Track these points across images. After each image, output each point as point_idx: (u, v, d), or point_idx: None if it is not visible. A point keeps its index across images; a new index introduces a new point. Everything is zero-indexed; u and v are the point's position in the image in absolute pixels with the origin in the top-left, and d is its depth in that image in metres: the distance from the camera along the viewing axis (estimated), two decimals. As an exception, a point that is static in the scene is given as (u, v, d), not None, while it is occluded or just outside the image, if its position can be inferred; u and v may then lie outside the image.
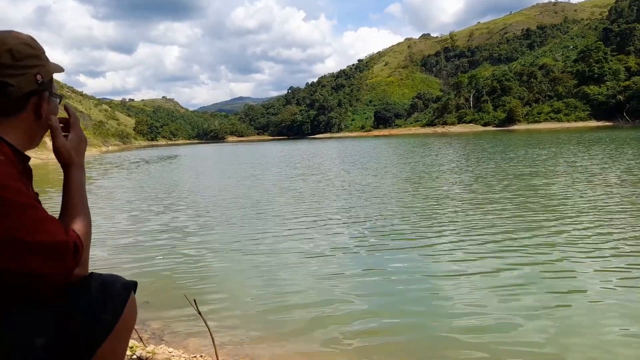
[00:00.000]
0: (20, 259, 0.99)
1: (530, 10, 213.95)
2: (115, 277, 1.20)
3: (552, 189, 9.84)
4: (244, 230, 7.36)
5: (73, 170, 1.25)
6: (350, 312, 3.82)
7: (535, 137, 40.99)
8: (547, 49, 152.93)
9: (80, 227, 1.16)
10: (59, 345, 1.09)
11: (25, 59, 1.11)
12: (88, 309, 1.11)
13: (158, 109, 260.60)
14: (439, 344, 3.22)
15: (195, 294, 4.20)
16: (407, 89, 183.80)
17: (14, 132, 1.13)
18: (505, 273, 4.58)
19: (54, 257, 1.03)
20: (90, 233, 1.20)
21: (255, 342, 3.35)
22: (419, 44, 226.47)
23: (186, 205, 10.45)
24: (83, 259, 1.12)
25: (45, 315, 1.08)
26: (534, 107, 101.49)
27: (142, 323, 3.64)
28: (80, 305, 1.10)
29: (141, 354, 2.70)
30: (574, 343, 3.13)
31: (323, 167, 20.76)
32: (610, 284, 4.14)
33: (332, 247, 6.02)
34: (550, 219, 6.93)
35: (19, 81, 1.09)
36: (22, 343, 1.04)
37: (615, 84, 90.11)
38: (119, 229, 7.95)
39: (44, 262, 1.02)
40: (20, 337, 1.04)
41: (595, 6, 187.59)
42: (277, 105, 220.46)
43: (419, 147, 34.88)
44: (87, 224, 1.19)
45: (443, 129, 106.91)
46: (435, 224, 7.09)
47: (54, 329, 1.08)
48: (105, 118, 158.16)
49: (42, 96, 1.17)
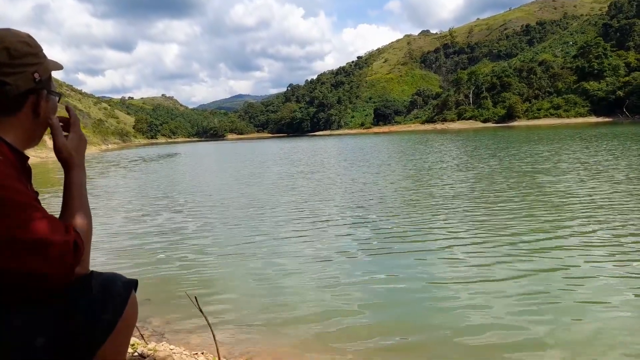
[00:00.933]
0: (21, 258, 0.98)
1: (530, 6, 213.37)
2: (115, 275, 1.20)
3: (560, 187, 9.71)
4: (245, 230, 7.37)
5: (73, 170, 1.25)
6: (351, 311, 3.83)
7: (536, 133, 40.92)
8: (546, 45, 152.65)
9: (81, 226, 1.15)
10: (59, 345, 1.08)
11: (23, 57, 1.10)
12: (89, 309, 1.10)
13: (157, 107, 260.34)
14: (442, 347, 3.21)
15: (197, 291, 4.21)
16: (407, 85, 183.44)
17: (13, 131, 1.12)
18: (514, 278, 4.44)
19: (54, 256, 1.03)
20: (91, 232, 1.20)
21: (256, 339, 3.36)
22: (419, 41, 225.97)
23: (187, 205, 10.46)
24: (83, 258, 1.11)
25: (46, 314, 1.08)
26: (534, 103, 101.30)
27: (143, 320, 3.66)
28: (81, 304, 1.10)
29: (143, 351, 2.71)
30: (581, 349, 3.12)
31: (325, 166, 20.74)
32: (627, 290, 4.03)
33: (333, 247, 6.03)
34: (561, 218, 6.71)
35: (16, 80, 1.08)
36: (23, 343, 1.04)
37: (615, 80, 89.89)
38: (120, 228, 7.96)
39: (44, 262, 1.01)
40: (20, 337, 1.04)
41: (595, 2, 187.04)
42: (277, 103, 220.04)
43: (420, 145, 34.84)
44: (87, 222, 1.18)
45: (443, 126, 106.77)
46: (440, 225, 7.02)
47: (54, 328, 1.08)
48: (104, 116, 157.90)
49: (41, 94, 1.15)
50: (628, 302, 3.69)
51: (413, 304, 3.93)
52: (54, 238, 1.03)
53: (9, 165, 1.06)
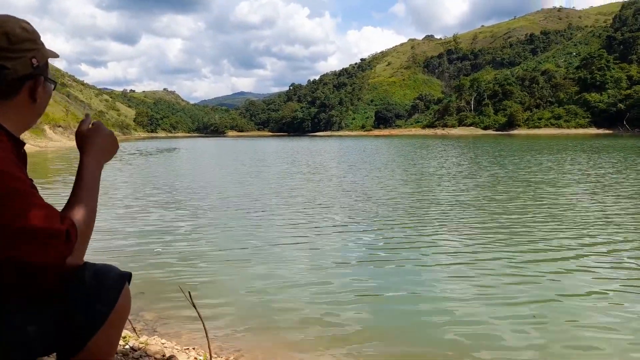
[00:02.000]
0: (14, 246, 0.99)
1: (535, 16, 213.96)
2: (109, 267, 1.19)
3: (565, 199, 9.64)
4: (242, 227, 7.37)
5: (84, 157, 1.26)
6: (346, 310, 3.83)
7: (537, 143, 40.99)
8: (550, 55, 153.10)
9: (80, 216, 1.14)
10: (51, 334, 1.08)
11: (21, 42, 1.11)
12: (81, 299, 1.10)
13: (159, 101, 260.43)
14: (434, 355, 3.22)
15: (190, 287, 4.21)
16: (409, 89, 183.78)
17: (9, 116, 1.13)
18: (519, 292, 4.43)
19: (45, 243, 1.02)
20: (91, 225, 1.18)
21: (247, 336, 3.36)
22: (423, 45, 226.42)
23: (185, 200, 10.45)
24: (78, 248, 1.10)
25: (38, 304, 1.08)
26: (535, 112, 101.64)
27: (135, 314, 3.65)
28: (74, 295, 1.10)
29: (134, 345, 2.71)
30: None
31: (327, 169, 20.74)
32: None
33: (330, 251, 6.03)
34: (572, 237, 6.34)
35: (14, 64, 1.10)
36: (15, 331, 1.04)
37: (616, 92, 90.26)
38: (117, 221, 7.95)
39: (37, 250, 1.01)
40: (12, 325, 1.04)
41: (600, 13, 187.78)
42: (278, 102, 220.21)
43: (421, 149, 34.88)
44: (88, 213, 1.16)
45: (443, 131, 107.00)
46: (440, 234, 6.99)
47: (46, 317, 1.08)
48: (105, 108, 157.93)
49: (38, 80, 1.17)
50: (629, 321, 3.69)
51: (407, 311, 3.92)
52: (48, 226, 1.03)
53: (7, 150, 1.07)
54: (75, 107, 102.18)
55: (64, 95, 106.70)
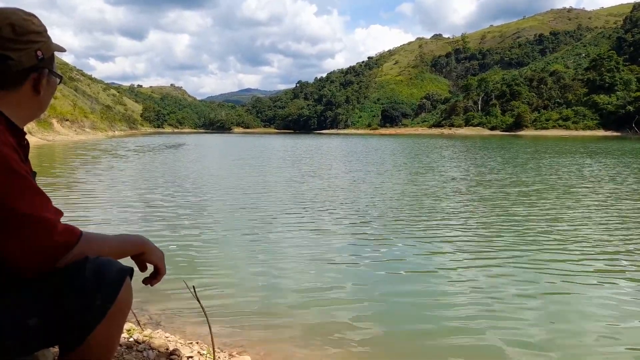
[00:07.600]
0: (9, 231, 1.00)
1: (544, 16, 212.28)
2: (110, 261, 1.19)
3: (583, 204, 9.58)
4: (247, 224, 7.40)
5: (141, 245, 1.36)
6: (350, 309, 3.84)
7: (544, 145, 40.71)
8: (558, 56, 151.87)
9: (92, 237, 1.19)
10: (51, 327, 1.09)
11: (27, 34, 1.12)
12: (82, 293, 1.11)
13: (166, 96, 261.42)
14: (435, 355, 3.21)
15: (195, 282, 4.22)
16: (416, 88, 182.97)
17: (12, 106, 1.14)
18: (521, 296, 4.40)
19: (32, 230, 1.03)
20: (98, 251, 1.18)
21: (251, 332, 3.38)
22: (430, 44, 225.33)
23: (190, 196, 10.49)
24: (74, 254, 1.12)
25: (38, 296, 1.09)
26: (543, 113, 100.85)
27: (140, 308, 3.68)
28: (74, 288, 1.10)
29: (138, 337, 2.73)
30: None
31: (334, 170, 20.74)
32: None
33: (335, 250, 6.03)
34: (589, 247, 6.09)
35: (19, 55, 1.10)
36: (16, 322, 1.04)
37: (625, 94, 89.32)
38: (121, 215, 8.00)
39: (31, 236, 1.02)
40: (12, 317, 1.05)
41: (610, 15, 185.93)
42: (285, 99, 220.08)
43: (430, 149, 34.72)
44: (99, 245, 1.20)
45: (450, 131, 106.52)
46: (447, 237, 6.94)
47: (47, 310, 1.08)
48: (112, 103, 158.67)
49: (42, 73, 1.17)
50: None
51: (410, 312, 3.92)
52: (42, 214, 1.04)
53: (7, 134, 1.08)
54: (82, 102, 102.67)
55: (71, 89, 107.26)
